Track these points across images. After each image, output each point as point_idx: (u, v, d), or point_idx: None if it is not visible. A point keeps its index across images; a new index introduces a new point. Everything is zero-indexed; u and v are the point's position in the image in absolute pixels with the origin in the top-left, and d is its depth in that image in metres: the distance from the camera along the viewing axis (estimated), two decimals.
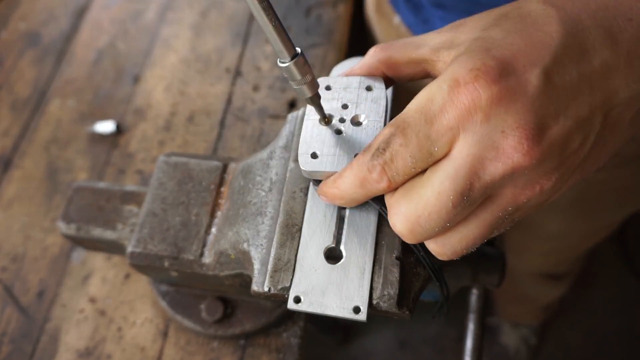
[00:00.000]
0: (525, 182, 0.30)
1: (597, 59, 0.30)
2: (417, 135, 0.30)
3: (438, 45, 0.35)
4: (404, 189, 0.32)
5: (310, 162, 0.39)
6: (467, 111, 0.29)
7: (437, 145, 0.30)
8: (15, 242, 0.68)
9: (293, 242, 0.42)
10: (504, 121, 0.28)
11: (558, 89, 0.29)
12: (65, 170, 0.73)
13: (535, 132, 0.28)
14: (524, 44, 0.30)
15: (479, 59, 0.29)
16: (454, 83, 0.29)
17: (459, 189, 0.29)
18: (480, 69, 0.29)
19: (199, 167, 0.52)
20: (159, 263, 0.48)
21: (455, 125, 0.29)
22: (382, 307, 0.40)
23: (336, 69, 0.47)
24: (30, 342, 0.61)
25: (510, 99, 0.28)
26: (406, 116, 0.31)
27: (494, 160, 0.29)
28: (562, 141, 0.29)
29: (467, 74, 0.29)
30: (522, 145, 0.28)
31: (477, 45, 0.30)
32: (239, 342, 0.59)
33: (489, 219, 0.32)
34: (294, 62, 0.34)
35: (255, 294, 0.42)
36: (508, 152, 0.28)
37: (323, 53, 0.79)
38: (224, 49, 0.82)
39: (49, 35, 0.86)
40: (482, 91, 0.28)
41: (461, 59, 0.30)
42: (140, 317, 0.62)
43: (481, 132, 0.29)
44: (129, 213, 0.54)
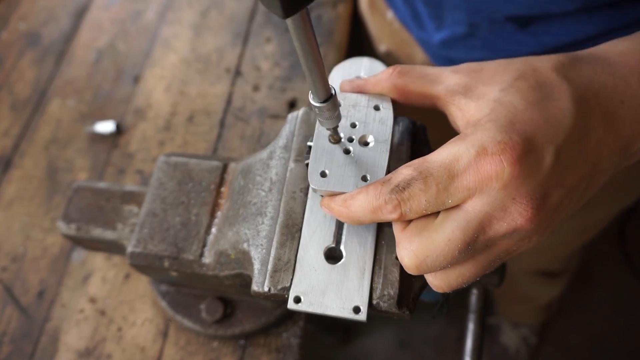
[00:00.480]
0: (520, 237, 0.35)
1: (594, 137, 0.35)
2: (437, 186, 0.33)
3: (454, 87, 0.38)
4: (416, 228, 0.35)
5: (320, 180, 0.39)
6: (489, 178, 0.32)
7: (452, 199, 0.34)
8: (15, 242, 0.68)
9: (293, 242, 0.42)
10: (517, 190, 0.33)
11: (562, 164, 0.34)
12: (65, 170, 0.73)
13: (539, 202, 0.33)
14: (542, 120, 0.34)
15: (506, 133, 0.33)
16: (482, 150, 0.33)
17: (466, 239, 0.34)
18: (508, 144, 0.33)
19: (199, 167, 0.52)
20: (159, 263, 0.48)
21: (473, 187, 0.33)
22: (382, 307, 0.40)
23: (336, 69, 0.47)
24: (30, 342, 0.61)
25: (527, 174, 0.33)
26: (431, 166, 0.34)
27: (500, 220, 0.33)
28: (556, 207, 0.34)
29: (495, 145, 0.33)
30: (527, 212, 0.33)
31: (502, 115, 0.34)
32: (239, 342, 0.59)
33: (484, 262, 0.36)
34: (328, 103, 0.36)
35: (255, 294, 0.42)
36: (514, 216, 0.33)
37: (323, 53, 0.79)
38: (224, 49, 0.82)
39: (49, 35, 0.86)
40: (506, 165, 0.32)
41: (489, 128, 0.34)
42: (140, 317, 0.62)
43: (496, 196, 0.33)
44: (129, 213, 0.54)
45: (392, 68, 0.41)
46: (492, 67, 0.38)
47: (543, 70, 0.36)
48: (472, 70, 0.38)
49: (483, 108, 0.35)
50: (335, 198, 0.38)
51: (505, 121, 0.34)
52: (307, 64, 0.32)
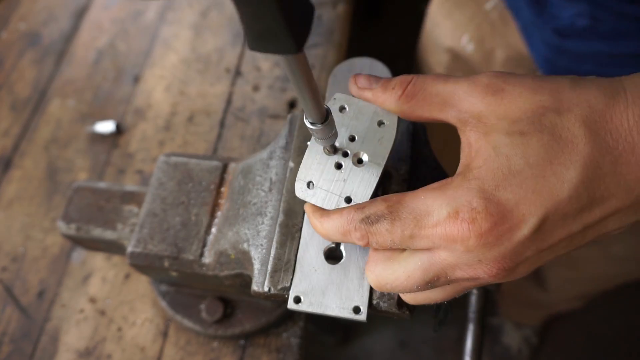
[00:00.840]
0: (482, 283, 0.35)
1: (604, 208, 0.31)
2: (402, 231, 0.34)
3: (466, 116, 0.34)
4: (384, 255, 0.37)
5: (304, 190, 0.39)
6: (453, 240, 0.32)
7: (416, 245, 0.34)
8: (15, 242, 0.68)
9: (293, 242, 0.42)
10: (483, 254, 0.32)
11: (542, 233, 0.31)
12: (65, 170, 0.73)
13: (508, 264, 0.32)
14: (532, 190, 0.31)
15: (483, 200, 0.31)
16: (453, 214, 0.32)
17: (426, 280, 0.34)
18: (480, 214, 0.31)
19: (199, 167, 0.52)
20: (159, 263, 0.48)
21: (438, 243, 0.33)
22: (382, 307, 0.40)
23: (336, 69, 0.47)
24: (30, 342, 0.61)
25: (495, 244, 0.31)
26: (402, 210, 0.34)
27: (464, 271, 0.33)
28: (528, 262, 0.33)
29: (467, 212, 0.31)
30: (492, 272, 0.33)
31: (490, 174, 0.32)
32: (239, 342, 0.59)
33: (449, 291, 0.37)
34: (323, 126, 0.35)
35: (255, 294, 0.42)
36: (478, 272, 0.33)
37: (323, 53, 0.79)
38: (224, 49, 0.82)
39: (49, 35, 0.86)
40: (472, 235, 0.31)
41: (471, 188, 0.32)
42: (140, 317, 0.62)
43: (461, 255, 0.33)
44: (129, 213, 0.54)
45: (398, 88, 0.37)
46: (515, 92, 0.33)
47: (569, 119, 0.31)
48: (491, 92, 0.34)
49: (482, 153, 0.33)
50: (315, 211, 0.39)
51: (490, 183, 0.31)
52: (301, 92, 0.31)
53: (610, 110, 0.31)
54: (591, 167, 0.30)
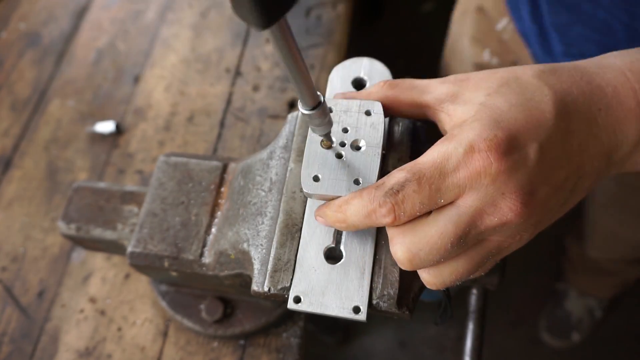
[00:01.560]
0: (510, 233, 0.36)
1: (576, 140, 0.36)
2: (429, 186, 0.35)
3: (442, 96, 0.40)
4: (410, 224, 0.37)
5: (313, 185, 0.39)
6: (477, 174, 0.34)
7: (444, 197, 0.35)
8: (15, 242, 0.68)
9: (293, 242, 0.42)
10: (506, 185, 0.34)
11: (547, 161, 0.35)
12: (65, 170, 0.73)
13: (527, 196, 0.35)
14: (524, 119, 0.35)
15: (491, 131, 0.35)
16: (469, 148, 0.34)
17: (459, 232, 0.35)
18: (493, 141, 0.34)
19: (198, 167, 0.52)
20: (159, 263, 0.48)
21: (464, 184, 0.34)
22: (382, 307, 0.40)
23: (336, 69, 0.47)
24: (30, 342, 0.61)
25: (514, 169, 0.34)
26: (422, 167, 0.35)
27: (491, 215, 0.35)
28: (543, 203, 0.36)
29: (481, 142, 0.34)
30: (515, 206, 0.34)
31: (487, 115, 0.36)
32: (238, 342, 0.59)
33: (476, 258, 0.37)
34: (317, 111, 0.36)
35: (255, 294, 0.42)
36: (504, 210, 0.34)
37: (323, 53, 0.79)
38: (224, 49, 0.82)
39: (49, 35, 0.86)
40: (493, 160, 0.34)
41: (475, 127, 0.35)
42: (140, 317, 0.62)
43: (485, 191, 0.34)
44: (129, 213, 0.54)
45: (382, 82, 0.43)
46: (478, 76, 0.39)
47: (525, 77, 0.38)
48: (459, 79, 0.40)
49: (469, 110, 0.37)
50: (330, 204, 0.39)
51: (490, 120, 0.35)
52: (292, 74, 0.32)
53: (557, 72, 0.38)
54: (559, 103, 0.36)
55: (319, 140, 0.41)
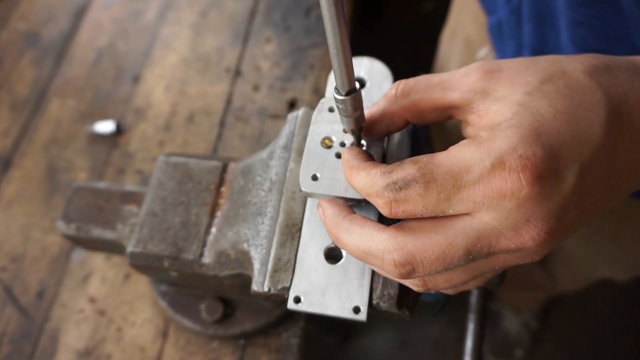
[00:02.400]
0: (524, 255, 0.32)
1: (620, 160, 0.31)
2: (438, 194, 0.30)
3: (471, 94, 0.33)
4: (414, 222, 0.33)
5: (311, 184, 0.39)
6: (502, 196, 0.29)
7: (453, 209, 0.30)
8: (15, 242, 0.68)
9: (293, 242, 0.42)
10: (533, 212, 0.29)
11: (584, 186, 0.30)
12: (65, 170, 0.73)
13: (554, 225, 0.30)
14: (570, 134, 0.29)
15: (529, 146, 0.29)
16: (499, 163, 0.29)
17: (469, 247, 0.31)
18: (530, 160, 0.28)
19: (198, 167, 0.51)
20: (158, 263, 0.48)
21: (481, 202, 0.29)
22: (382, 307, 0.40)
23: None
24: (29, 342, 0.61)
25: (546, 196, 0.29)
26: (437, 170, 0.30)
27: (509, 239, 0.30)
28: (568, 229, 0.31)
29: (515, 160, 0.28)
30: (539, 236, 0.30)
31: (527, 122, 0.30)
32: (238, 342, 0.59)
33: (476, 271, 0.34)
34: (351, 97, 0.33)
35: (255, 294, 0.42)
36: (525, 238, 0.30)
37: (323, 53, 0.79)
38: (224, 49, 0.82)
39: (48, 35, 0.86)
40: (525, 184, 0.28)
41: (510, 135, 0.29)
42: (140, 317, 0.62)
43: (508, 215, 0.29)
44: (129, 213, 0.53)
45: (393, 88, 0.36)
46: (513, 66, 0.33)
47: (574, 73, 0.31)
48: (488, 71, 0.33)
49: (505, 111, 0.31)
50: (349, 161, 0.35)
51: (530, 130, 0.29)
52: (335, 49, 0.31)
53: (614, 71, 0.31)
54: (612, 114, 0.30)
55: (319, 140, 0.41)
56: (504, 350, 1.54)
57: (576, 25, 0.49)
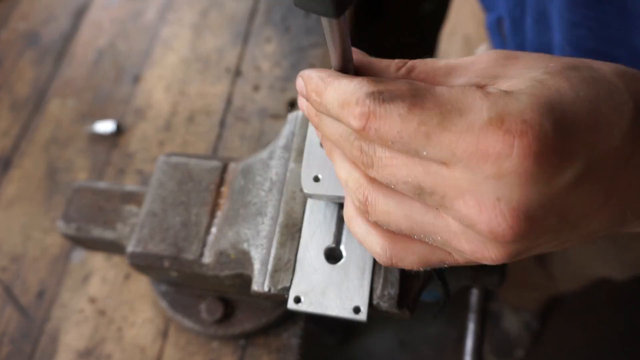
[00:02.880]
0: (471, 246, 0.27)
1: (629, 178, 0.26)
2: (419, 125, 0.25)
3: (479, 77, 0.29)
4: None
5: (313, 185, 0.39)
6: (484, 158, 0.24)
7: (427, 152, 0.26)
8: (15, 242, 0.68)
9: (293, 242, 0.42)
10: (510, 193, 0.24)
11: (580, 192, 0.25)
12: (65, 170, 0.73)
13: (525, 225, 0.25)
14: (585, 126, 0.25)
15: (540, 115, 0.24)
16: (497, 120, 0.24)
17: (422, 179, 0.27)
18: (533, 129, 0.24)
19: (199, 167, 0.51)
20: (159, 263, 0.48)
21: (460, 157, 0.25)
22: (383, 307, 0.40)
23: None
24: (30, 342, 0.61)
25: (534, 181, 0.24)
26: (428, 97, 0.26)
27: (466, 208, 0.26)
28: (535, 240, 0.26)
29: (516, 123, 0.24)
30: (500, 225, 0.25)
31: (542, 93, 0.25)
32: (239, 342, 0.59)
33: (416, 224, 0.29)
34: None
35: (255, 294, 0.42)
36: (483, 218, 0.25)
37: (323, 53, 0.79)
38: (224, 49, 0.82)
39: (48, 35, 0.86)
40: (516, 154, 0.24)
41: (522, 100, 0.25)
42: (140, 317, 0.62)
43: (481, 182, 0.25)
44: (129, 213, 0.53)
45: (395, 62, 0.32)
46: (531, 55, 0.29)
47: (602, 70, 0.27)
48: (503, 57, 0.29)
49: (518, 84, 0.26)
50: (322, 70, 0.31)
51: (546, 100, 0.25)
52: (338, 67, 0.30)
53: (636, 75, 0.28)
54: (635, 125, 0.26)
55: (319, 140, 0.41)
56: (505, 350, 1.54)
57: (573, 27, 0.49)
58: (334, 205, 0.42)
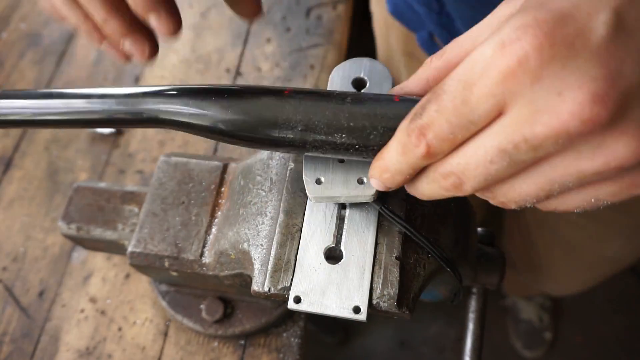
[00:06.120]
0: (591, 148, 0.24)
1: None
2: (452, 101, 0.26)
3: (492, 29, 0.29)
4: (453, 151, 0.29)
5: (316, 188, 0.39)
6: (512, 74, 0.24)
7: (477, 113, 0.26)
8: (15, 242, 0.68)
9: (293, 242, 0.42)
10: (562, 81, 0.23)
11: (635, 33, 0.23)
12: (66, 170, 0.73)
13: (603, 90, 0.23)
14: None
15: (530, 15, 0.24)
16: (499, 45, 0.24)
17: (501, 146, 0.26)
18: (530, 25, 0.23)
19: (199, 167, 0.52)
20: (159, 263, 0.48)
21: (498, 92, 0.25)
22: (382, 307, 0.40)
23: (336, 69, 0.47)
24: (30, 342, 0.61)
25: (569, 54, 0.23)
26: (444, 83, 0.27)
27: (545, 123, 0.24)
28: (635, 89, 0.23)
29: (513, 32, 0.24)
30: (582, 108, 0.23)
31: (533, 1, 0.25)
32: (239, 342, 0.59)
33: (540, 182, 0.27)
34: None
35: (255, 294, 0.42)
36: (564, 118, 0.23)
37: (323, 53, 0.79)
38: (224, 49, 0.82)
39: (49, 35, 0.86)
40: (529, 48, 0.23)
41: (512, 19, 0.25)
42: (141, 317, 0.62)
43: (531, 95, 0.24)
44: (129, 213, 0.54)
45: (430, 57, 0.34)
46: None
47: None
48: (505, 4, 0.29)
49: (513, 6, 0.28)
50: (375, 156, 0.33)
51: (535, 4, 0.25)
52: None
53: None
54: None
55: None
56: (534, 339, 1.55)
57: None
58: (334, 205, 0.42)
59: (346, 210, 0.42)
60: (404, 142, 0.29)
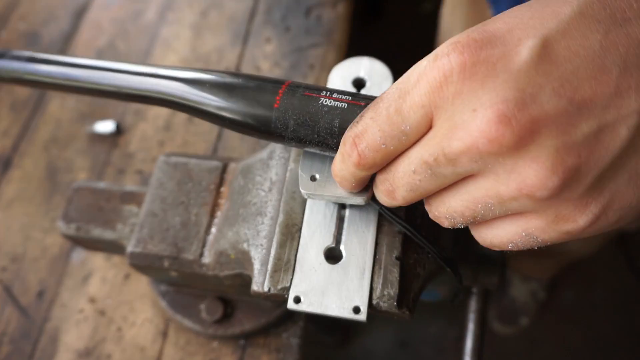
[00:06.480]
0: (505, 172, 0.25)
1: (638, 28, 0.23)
2: (387, 109, 0.27)
3: None
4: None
5: (310, 184, 0.39)
6: (438, 87, 0.25)
7: (408, 123, 0.27)
8: (14, 242, 0.68)
9: (293, 242, 0.42)
10: (478, 99, 0.24)
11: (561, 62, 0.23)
12: (65, 170, 0.73)
13: (511, 112, 0.23)
14: (528, 16, 0.25)
15: (466, 34, 0.25)
16: (433, 57, 0.26)
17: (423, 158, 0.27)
18: (461, 42, 0.25)
19: (198, 167, 0.51)
20: (158, 263, 0.48)
21: (427, 103, 0.26)
22: (382, 307, 0.40)
23: (336, 69, 0.47)
24: (29, 342, 0.61)
25: (489, 73, 0.24)
26: (383, 93, 0.29)
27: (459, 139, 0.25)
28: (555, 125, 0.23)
29: (446, 47, 0.25)
30: (489, 127, 0.23)
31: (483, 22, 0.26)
32: (238, 342, 0.59)
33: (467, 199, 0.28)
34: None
35: (255, 294, 0.42)
36: (475, 135, 0.24)
37: (323, 53, 0.79)
38: (224, 49, 0.82)
39: (48, 35, 0.86)
40: (454, 63, 0.24)
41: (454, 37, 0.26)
42: (140, 317, 0.62)
43: (452, 110, 0.25)
44: (129, 213, 0.53)
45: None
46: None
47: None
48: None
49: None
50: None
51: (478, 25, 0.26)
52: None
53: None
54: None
55: None
56: (510, 317, 1.54)
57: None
58: (334, 205, 0.42)
59: (346, 210, 0.42)
60: (342, 151, 0.31)
